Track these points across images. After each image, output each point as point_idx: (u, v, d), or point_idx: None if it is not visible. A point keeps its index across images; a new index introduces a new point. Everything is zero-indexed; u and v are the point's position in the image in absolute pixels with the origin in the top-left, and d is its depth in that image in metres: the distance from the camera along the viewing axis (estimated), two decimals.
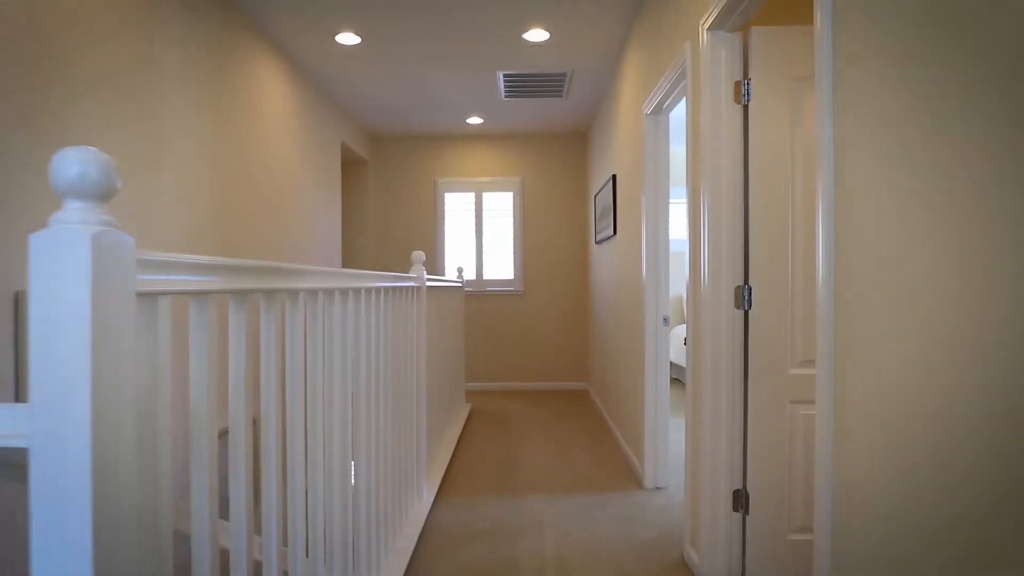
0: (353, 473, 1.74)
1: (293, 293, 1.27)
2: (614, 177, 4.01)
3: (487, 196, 5.89)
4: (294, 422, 1.27)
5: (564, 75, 4.17)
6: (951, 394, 0.93)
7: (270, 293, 1.14)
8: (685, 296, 6.44)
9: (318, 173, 4.43)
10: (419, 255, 2.66)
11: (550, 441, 3.97)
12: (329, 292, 1.51)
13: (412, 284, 2.48)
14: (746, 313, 1.99)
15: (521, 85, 4.38)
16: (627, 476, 3.24)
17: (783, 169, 1.95)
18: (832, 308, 1.24)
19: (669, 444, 3.10)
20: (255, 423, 2.77)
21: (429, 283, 2.92)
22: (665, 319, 3.03)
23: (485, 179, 5.87)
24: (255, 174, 3.42)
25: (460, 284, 4.62)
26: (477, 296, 5.88)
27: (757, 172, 1.96)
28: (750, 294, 1.96)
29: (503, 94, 4.57)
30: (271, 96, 3.63)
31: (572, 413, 4.81)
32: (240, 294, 1.02)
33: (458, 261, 5.89)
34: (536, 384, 5.87)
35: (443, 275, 5.86)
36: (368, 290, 1.84)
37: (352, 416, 1.71)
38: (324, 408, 1.49)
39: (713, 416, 2.03)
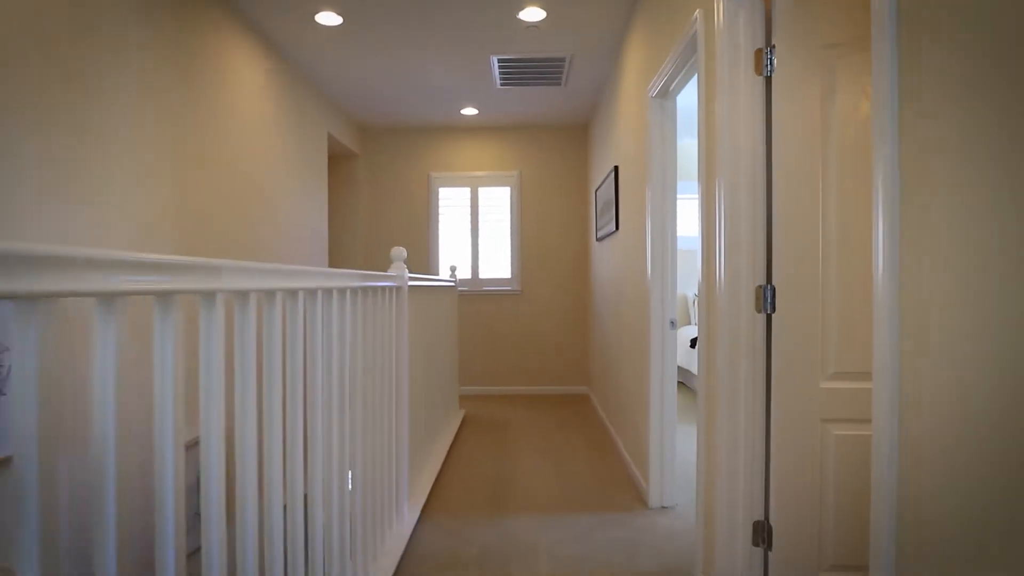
0: (304, 500, 1.48)
1: (208, 295, 1.01)
2: (616, 168, 3.74)
3: (483, 191, 5.63)
4: (209, 447, 1.01)
5: (563, 60, 3.90)
6: None
7: (165, 296, 0.87)
8: (697, 297, 6.16)
9: (302, 166, 4.17)
10: (399, 251, 2.40)
11: (547, 452, 3.70)
12: (270, 293, 1.25)
13: (390, 284, 2.21)
14: (768, 317, 1.72)
15: (517, 71, 4.11)
16: (630, 493, 2.98)
17: (813, 151, 1.68)
18: (895, 308, 0.97)
19: (676, 457, 2.83)
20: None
21: (413, 283, 2.66)
22: (672, 321, 2.76)
23: (481, 173, 5.61)
24: (228, 166, 3.16)
25: (453, 284, 4.36)
26: (472, 296, 5.62)
27: (782, 155, 1.69)
28: (773, 295, 1.69)
29: (498, 82, 4.31)
30: (246, 82, 3.37)
31: (571, 420, 4.54)
32: (107, 297, 0.76)
33: (453, 259, 5.63)
34: (534, 388, 5.61)
35: (437, 274, 5.60)
36: (328, 291, 1.58)
37: (305, 434, 1.45)
38: (259, 430, 1.23)
39: (730, 435, 1.77)
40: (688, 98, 4.56)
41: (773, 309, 1.69)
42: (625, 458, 3.39)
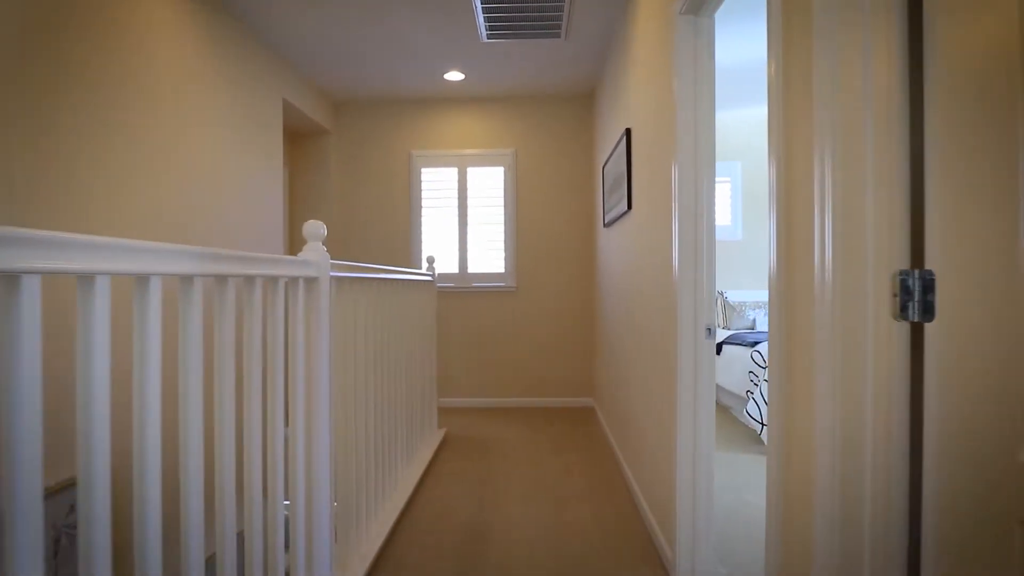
0: None
1: None
2: (628, 132, 2.97)
3: (472, 172, 4.87)
4: None
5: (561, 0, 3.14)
6: None
7: None
8: (719, 295, 5.36)
9: (247, 136, 3.43)
10: (315, 227, 1.64)
11: (540, 489, 2.94)
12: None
13: (291, 273, 1.46)
14: (917, 327, 0.96)
15: (506, 18, 3.35)
16: (647, 559, 2.21)
17: (1009, 51, 0.91)
18: None
19: (714, 508, 2.06)
20: None
21: (343, 272, 1.91)
22: (708, 329, 2.00)
23: (470, 151, 4.85)
24: (139, 134, 2.42)
25: (430, 278, 3.61)
26: (460, 294, 4.87)
27: (947, 62, 0.92)
28: (927, 290, 0.93)
29: (484, 33, 3.55)
30: (161, 32, 2.62)
31: (573, 442, 3.78)
32: None
33: (439, 250, 4.88)
34: (530, 400, 4.85)
35: (420, 267, 4.85)
36: (87, 277, 0.83)
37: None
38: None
39: (841, 545, 1.00)
40: (728, 46, 3.78)
41: (929, 314, 0.92)
42: (640, 503, 2.63)
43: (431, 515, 2.62)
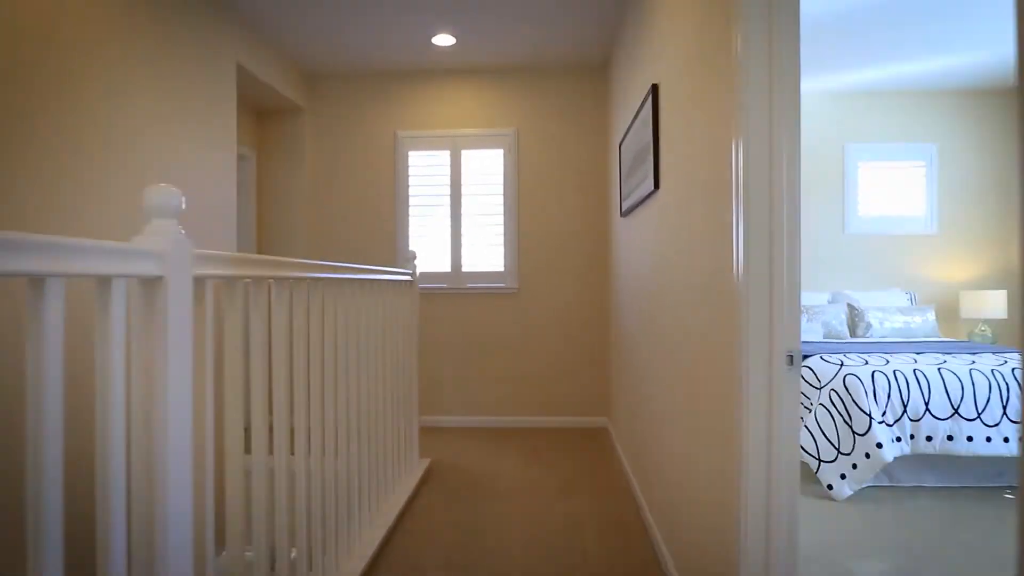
0: None
1: None
2: (655, 89, 2.31)
3: (467, 155, 4.22)
4: None
5: None
6: None
7: None
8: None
9: (189, 108, 2.79)
10: (164, 195, 0.96)
11: (541, 555, 2.29)
12: None
13: (93, 271, 0.82)
14: None
15: None
16: None
17: None
18: None
19: None
20: None
21: (220, 269, 1.27)
22: (790, 357, 1.34)
23: (464, 132, 4.20)
24: (36, 104, 1.78)
25: (409, 277, 2.97)
26: (452, 295, 4.22)
27: None
28: None
29: None
30: None
31: (584, 476, 3.12)
32: None
33: (429, 244, 4.23)
34: (533, 419, 4.19)
35: (405, 265, 4.20)
36: None
37: None
38: None
39: None
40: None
41: None
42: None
43: None
